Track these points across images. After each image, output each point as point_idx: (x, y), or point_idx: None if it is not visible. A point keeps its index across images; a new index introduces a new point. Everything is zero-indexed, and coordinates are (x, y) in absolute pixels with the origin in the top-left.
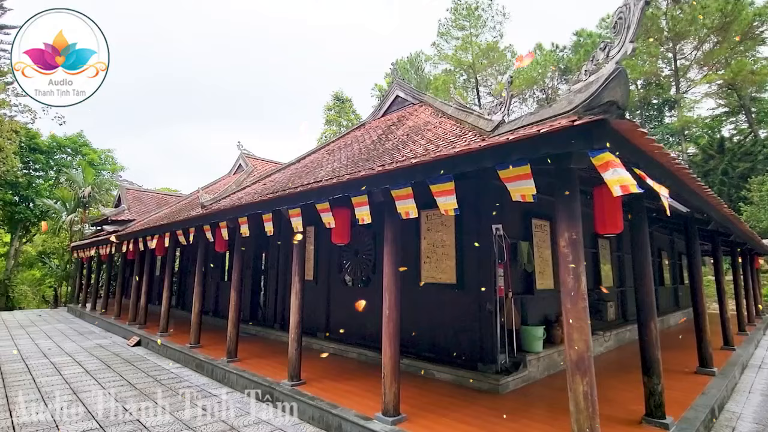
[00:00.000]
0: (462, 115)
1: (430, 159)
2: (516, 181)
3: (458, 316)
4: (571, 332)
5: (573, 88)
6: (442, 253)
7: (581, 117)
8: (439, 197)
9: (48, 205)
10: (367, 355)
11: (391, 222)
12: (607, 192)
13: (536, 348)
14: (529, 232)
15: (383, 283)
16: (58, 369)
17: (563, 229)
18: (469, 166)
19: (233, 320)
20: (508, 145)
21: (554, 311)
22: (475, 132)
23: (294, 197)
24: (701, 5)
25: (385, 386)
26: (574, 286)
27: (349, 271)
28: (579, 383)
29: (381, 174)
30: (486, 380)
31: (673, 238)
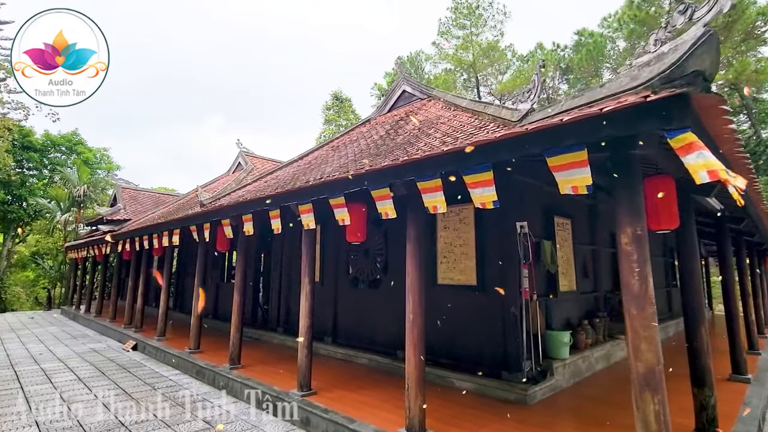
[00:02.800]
0: (479, 107)
1: (463, 146)
2: (568, 170)
3: (479, 320)
4: (638, 342)
5: (637, 62)
6: (461, 252)
7: (657, 91)
8: (475, 188)
9: (42, 205)
10: (378, 361)
11: (414, 217)
12: (662, 183)
13: (562, 354)
14: (551, 230)
15: (406, 284)
16: (49, 376)
17: (625, 224)
18: (510, 154)
19: (236, 324)
20: (563, 128)
21: (576, 315)
22: (497, 123)
23: (306, 192)
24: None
25: (409, 399)
26: (641, 290)
27: (358, 272)
28: (649, 401)
29: (407, 164)
30: (512, 390)
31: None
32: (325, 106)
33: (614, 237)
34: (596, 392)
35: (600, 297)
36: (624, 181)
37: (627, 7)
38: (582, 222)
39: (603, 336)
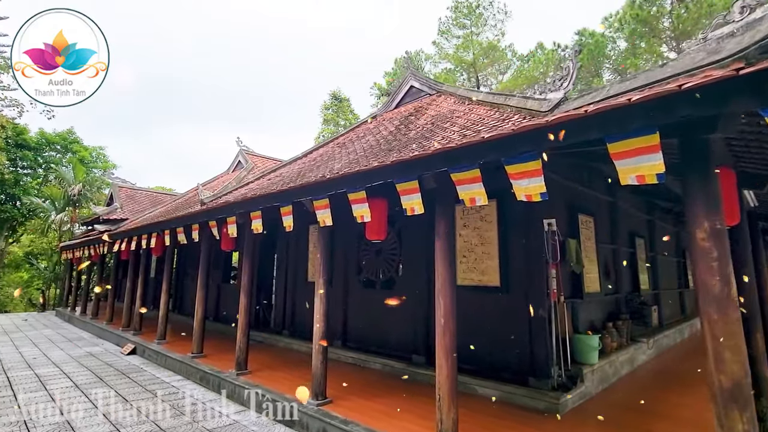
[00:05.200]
0: (498, 99)
1: (508, 132)
2: (634, 157)
3: (503, 323)
4: (721, 351)
5: (714, 35)
6: (482, 251)
7: (752, 63)
8: (520, 179)
9: (36, 204)
10: (393, 366)
11: (443, 212)
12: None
13: (591, 359)
14: (575, 228)
15: (435, 285)
16: (44, 383)
17: (700, 218)
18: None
19: (243, 327)
20: (631, 109)
21: (600, 317)
22: (522, 115)
23: (322, 186)
24: (708, 3)
25: (441, 411)
26: (723, 291)
27: (369, 272)
28: (737, 420)
29: (439, 154)
30: (542, 398)
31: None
32: (324, 106)
33: (633, 236)
34: (628, 400)
35: (621, 299)
36: (697, 170)
37: (629, 6)
38: (603, 220)
39: (627, 339)
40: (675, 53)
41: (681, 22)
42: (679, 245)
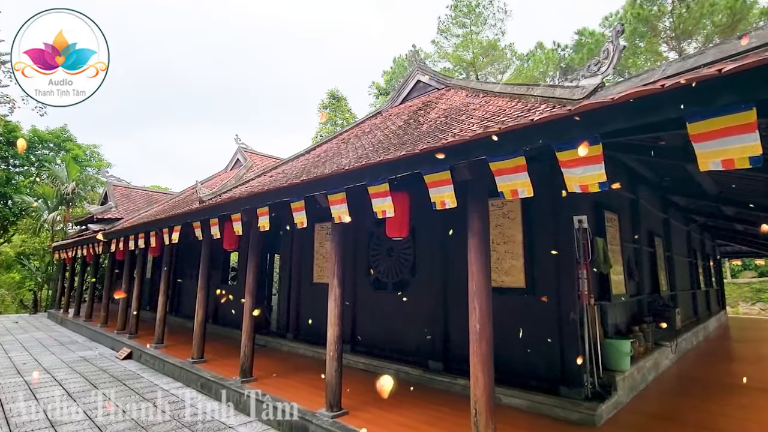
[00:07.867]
0: (520, 90)
1: (564, 113)
2: (719, 138)
3: (529, 327)
4: None
5: None
6: (505, 251)
7: None
8: (574, 168)
9: (28, 203)
10: (408, 373)
11: (477, 207)
12: None
13: (623, 366)
14: (602, 226)
15: (469, 288)
16: (34, 391)
17: None
18: (631, 120)
19: (248, 331)
20: (718, 82)
21: (625, 321)
22: (551, 104)
23: (340, 178)
24: (710, 2)
25: (477, 427)
26: None
27: (380, 273)
28: None
29: (479, 139)
30: (575, 409)
31: (704, 239)
32: (322, 105)
33: (652, 235)
34: (662, 409)
35: (644, 301)
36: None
37: (629, 5)
38: (625, 218)
39: (651, 343)
40: (675, 53)
41: (682, 22)
42: (690, 245)
